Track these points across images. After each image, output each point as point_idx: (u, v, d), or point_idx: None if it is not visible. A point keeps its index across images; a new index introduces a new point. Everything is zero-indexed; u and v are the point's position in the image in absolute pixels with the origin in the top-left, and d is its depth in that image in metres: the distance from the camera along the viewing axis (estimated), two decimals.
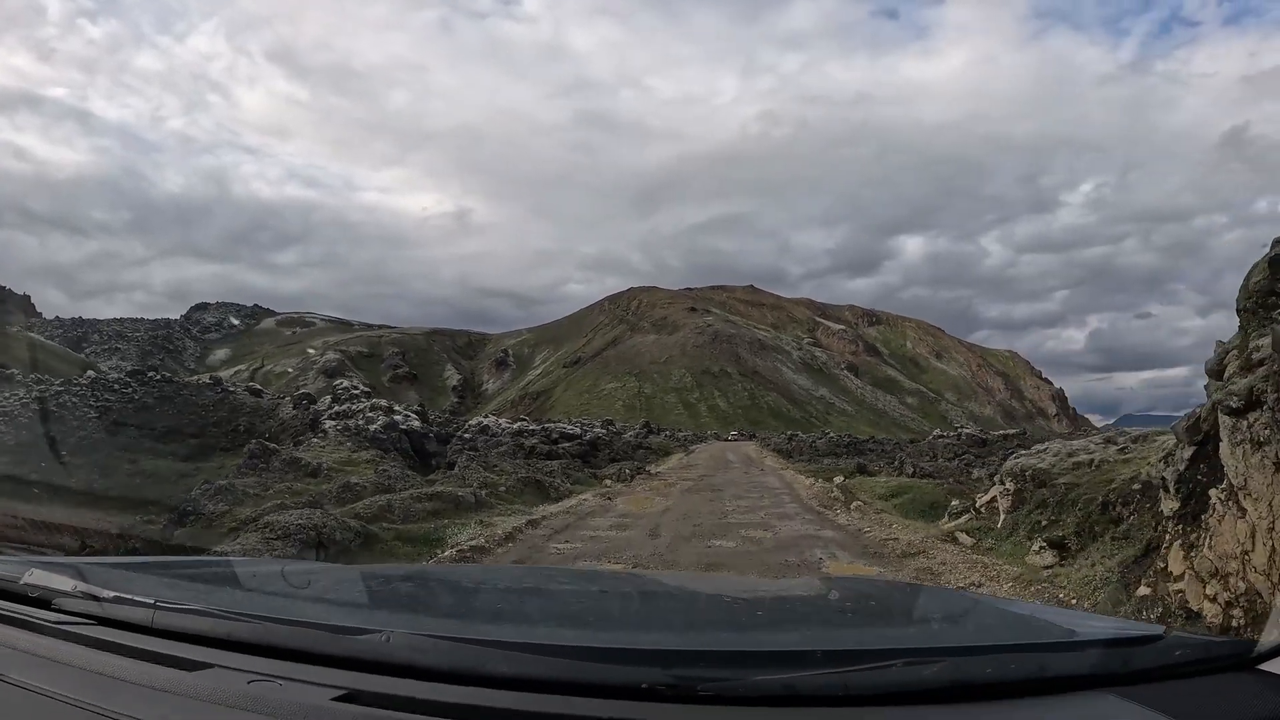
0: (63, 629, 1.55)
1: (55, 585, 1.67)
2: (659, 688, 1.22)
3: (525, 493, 17.93)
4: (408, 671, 1.31)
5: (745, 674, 1.26)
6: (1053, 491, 9.71)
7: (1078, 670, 1.33)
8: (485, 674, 1.27)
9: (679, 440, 65.64)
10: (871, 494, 14.82)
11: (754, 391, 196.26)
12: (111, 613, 1.57)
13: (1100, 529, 7.97)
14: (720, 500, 16.86)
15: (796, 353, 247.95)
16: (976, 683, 1.27)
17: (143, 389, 39.26)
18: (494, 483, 18.03)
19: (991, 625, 1.89)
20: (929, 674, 1.25)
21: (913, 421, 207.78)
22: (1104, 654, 1.38)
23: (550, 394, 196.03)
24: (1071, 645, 1.48)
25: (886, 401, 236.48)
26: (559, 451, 33.40)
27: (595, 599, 2.30)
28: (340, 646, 1.37)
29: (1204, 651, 1.41)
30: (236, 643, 1.43)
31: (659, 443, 53.47)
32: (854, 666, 1.26)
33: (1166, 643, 1.38)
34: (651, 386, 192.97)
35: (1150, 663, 1.34)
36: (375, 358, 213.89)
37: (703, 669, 1.28)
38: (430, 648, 1.33)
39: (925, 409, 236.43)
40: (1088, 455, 10.22)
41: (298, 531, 10.10)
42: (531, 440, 35.02)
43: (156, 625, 1.51)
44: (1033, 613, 2.47)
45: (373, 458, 22.19)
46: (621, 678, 1.25)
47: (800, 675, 1.25)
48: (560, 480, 23.38)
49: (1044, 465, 10.26)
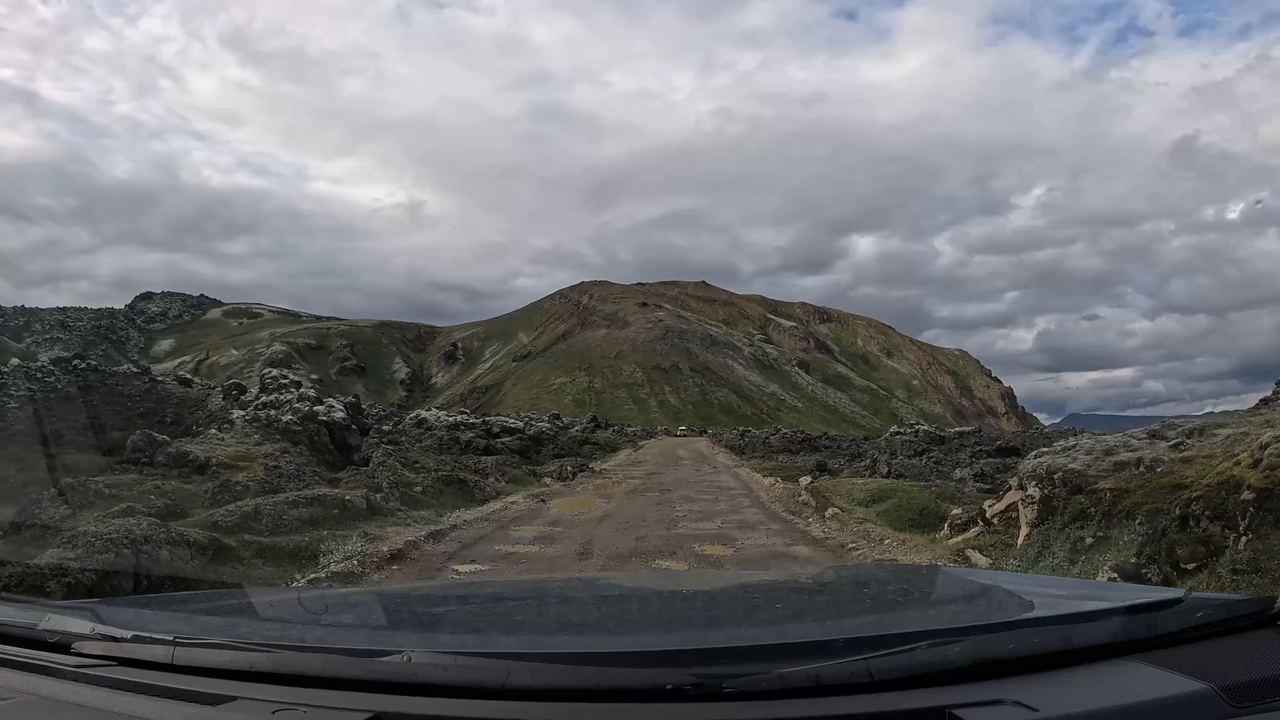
0: (83, 673, 1.52)
1: (73, 629, 1.65)
2: (684, 688, 1.21)
3: (445, 494, 15.48)
4: (432, 690, 1.29)
5: (769, 667, 1.24)
6: (1095, 500, 7.56)
7: (1100, 639, 1.32)
8: (509, 687, 1.25)
9: (628, 436, 63.50)
10: (848, 498, 12.61)
11: (705, 387, 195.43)
12: (131, 652, 1.55)
13: (1191, 552, 5.79)
14: (669, 504, 14.56)
15: (748, 349, 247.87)
16: (1001, 659, 1.26)
17: (66, 378, 36.97)
18: (409, 482, 15.55)
19: (1011, 602, 1.85)
20: (953, 654, 1.24)
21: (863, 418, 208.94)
22: (1125, 621, 1.36)
23: (499, 388, 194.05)
24: (1093, 615, 1.47)
25: (837, 398, 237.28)
26: (497, 446, 30.89)
27: (613, 604, 2.30)
28: (362, 670, 1.36)
29: (1225, 611, 1.39)
30: (258, 673, 1.41)
31: (607, 438, 51.16)
32: (877, 652, 1.24)
33: (1188, 604, 1.38)
34: (602, 381, 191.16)
35: (1173, 626, 1.33)
36: (323, 350, 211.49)
37: (726, 666, 1.26)
38: (452, 664, 1.33)
39: (876, 406, 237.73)
40: (1131, 454, 8.11)
41: (104, 549, 7.53)
42: (468, 434, 32.41)
43: (177, 662, 1.49)
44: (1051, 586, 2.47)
45: (274, 452, 19.46)
46: (645, 680, 1.25)
47: (825, 665, 1.23)
48: (493, 478, 21.07)
49: (1077, 466, 8.11)
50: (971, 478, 14.49)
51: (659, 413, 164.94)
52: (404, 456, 20.02)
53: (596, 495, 16.99)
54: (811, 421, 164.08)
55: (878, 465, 16.81)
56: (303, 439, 23.70)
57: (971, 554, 8.19)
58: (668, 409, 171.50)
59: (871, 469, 16.59)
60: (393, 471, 16.67)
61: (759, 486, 18.47)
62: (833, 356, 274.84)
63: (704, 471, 25.39)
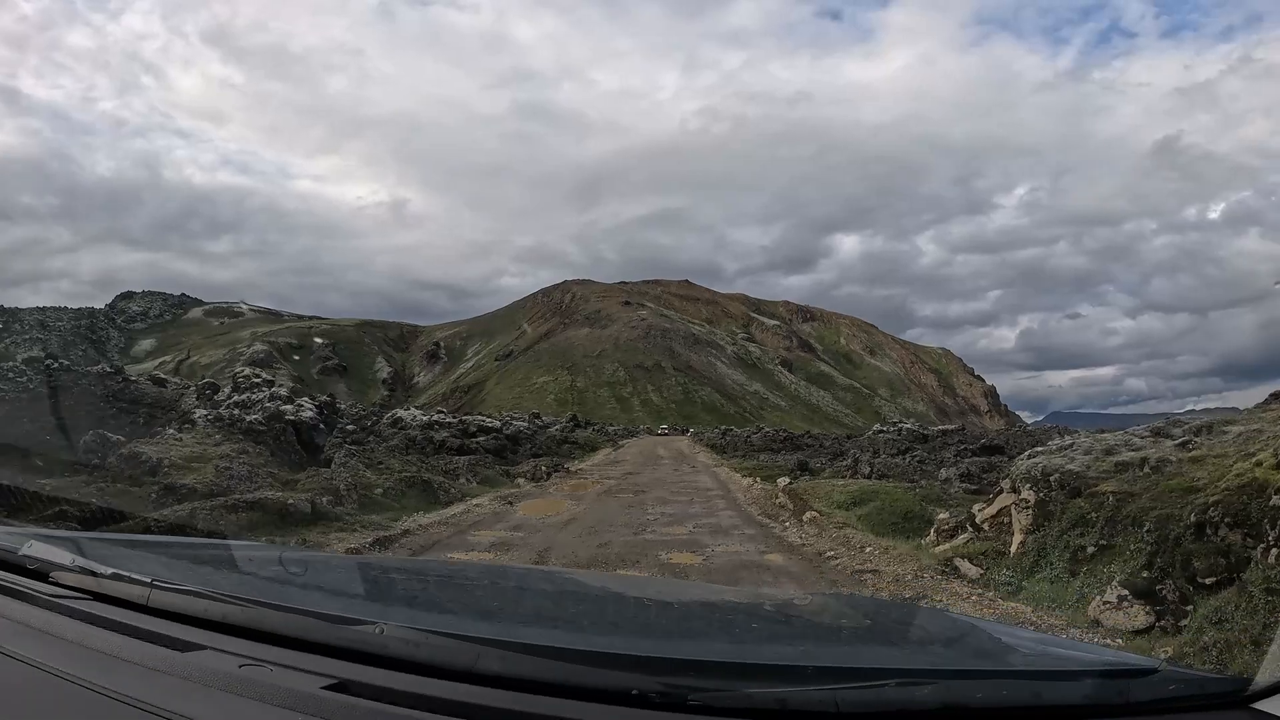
0: (59, 602, 1.54)
1: (53, 559, 1.67)
2: (649, 695, 1.20)
3: (407, 496, 14.72)
4: (399, 664, 1.28)
5: (736, 685, 1.23)
6: (1096, 504, 6.92)
7: (1071, 699, 1.30)
8: (476, 671, 1.25)
9: (608, 435, 62.75)
10: (828, 500, 11.91)
11: (688, 386, 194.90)
12: (108, 589, 1.56)
13: (1210, 565, 5.13)
14: (641, 506, 13.85)
15: (731, 347, 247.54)
16: (969, 707, 1.23)
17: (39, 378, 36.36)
18: (369, 484, 14.78)
19: (987, 650, 1.74)
20: (921, 695, 1.22)
21: (846, 417, 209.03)
22: (1098, 685, 1.33)
23: (482, 387, 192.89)
24: (1066, 675, 1.43)
25: (820, 397, 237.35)
26: (472, 446, 30.08)
27: (591, 602, 2.26)
28: (333, 635, 1.35)
29: (1199, 688, 1.37)
30: (230, 626, 1.42)
31: (586, 437, 50.39)
32: (846, 684, 1.22)
33: (1162, 676, 1.33)
34: (584, 380, 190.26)
35: (1144, 696, 1.30)
36: (305, 349, 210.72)
37: (694, 678, 1.25)
38: (423, 642, 1.31)
39: (859, 404, 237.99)
40: (1134, 454, 7.48)
41: None
42: (443, 434, 31.56)
43: (152, 604, 1.50)
44: (1029, 640, 2.28)
45: (232, 453, 18.63)
46: (612, 682, 1.23)
47: (792, 690, 1.22)
48: (464, 479, 20.35)
49: (1075, 467, 7.47)
50: (957, 478, 13.85)
51: (642, 412, 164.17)
52: (368, 457, 19.25)
53: (567, 497, 16.26)
54: (794, 420, 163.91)
55: (859, 465, 16.10)
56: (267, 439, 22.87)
57: (960, 563, 7.52)
58: (651, 408, 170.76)
59: (853, 469, 15.89)
60: (353, 473, 15.91)
61: (737, 487, 17.80)
62: (816, 355, 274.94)
63: (682, 472, 24.71)
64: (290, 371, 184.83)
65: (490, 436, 33.75)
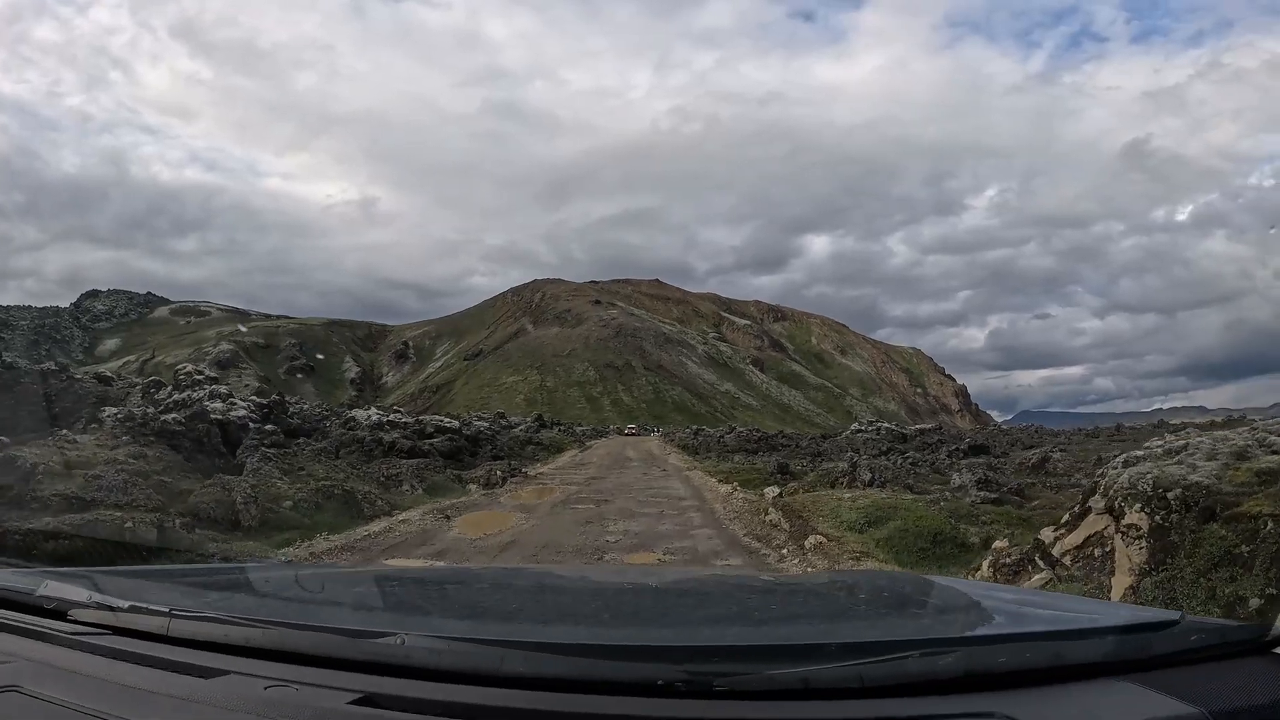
0: (79, 640, 1.52)
1: (70, 596, 1.65)
2: (675, 684, 1.19)
3: (323, 509, 12.34)
4: (424, 674, 1.28)
5: (760, 668, 1.22)
6: (1245, 532, 4.77)
7: (1093, 658, 1.29)
8: (501, 674, 1.25)
9: (576, 435, 60.29)
10: (833, 518, 9.47)
11: (658, 386, 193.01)
12: (127, 622, 1.55)
13: None
14: (601, 521, 11.57)
15: (702, 347, 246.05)
16: (992, 672, 1.24)
17: None
18: (278, 495, 12.40)
19: (1006, 615, 1.80)
20: (944, 664, 1.23)
21: (818, 416, 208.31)
22: (1119, 641, 1.34)
23: (450, 387, 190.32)
24: (1087, 633, 1.43)
25: (792, 396, 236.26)
26: (423, 449, 27.60)
27: (609, 596, 2.25)
28: (356, 650, 1.35)
29: (1220, 636, 1.37)
30: (252, 649, 1.41)
31: (552, 438, 47.96)
32: (869, 658, 1.22)
33: (1182, 628, 1.35)
34: (554, 380, 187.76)
35: (1166, 648, 1.31)
36: (271, 349, 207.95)
37: (718, 664, 1.25)
38: (446, 649, 1.31)
39: (830, 404, 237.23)
40: (1278, 457, 5.34)
41: None
42: (393, 434, 29.05)
43: (172, 633, 1.49)
44: (1047, 601, 2.38)
45: (129, 456, 16.09)
46: (637, 674, 1.23)
47: (816, 668, 1.21)
48: (407, 485, 18.07)
49: (1201, 479, 5.29)
50: (974, 485, 11.69)
51: (612, 411, 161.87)
52: (290, 462, 16.72)
53: (518, 508, 13.95)
54: (766, 419, 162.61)
55: (857, 470, 13.78)
56: (185, 441, 20.37)
57: None
58: (621, 408, 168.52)
59: (849, 475, 13.59)
60: (263, 481, 13.48)
61: (714, 496, 15.52)
62: (787, 355, 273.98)
63: (652, 476, 22.46)
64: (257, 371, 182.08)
65: (447, 438, 31.26)
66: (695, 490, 17.22)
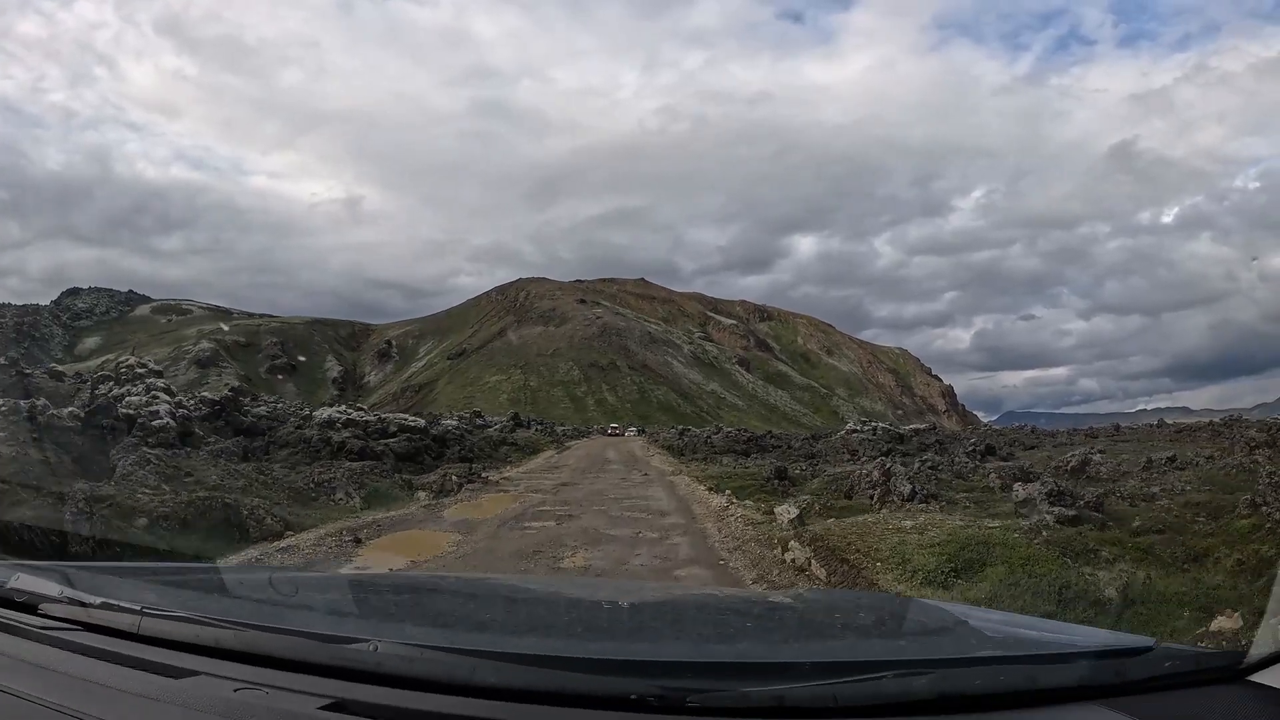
0: (49, 634, 1.51)
1: (41, 590, 1.64)
2: (647, 699, 1.19)
3: (193, 529, 9.59)
4: (395, 681, 1.26)
5: (734, 685, 1.22)
6: None
7: (1067, 682, 1.29)
8: (473, 684, 1.23)
9: (556, 435, 57.55)
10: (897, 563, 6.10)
11: (643, 385, 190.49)
12: (98, 619, 1.53)
13: None
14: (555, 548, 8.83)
15: (688, 346, 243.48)
16: (967, 694, 1.23)
17: None
18: (134, 509, 9.57)
19: (982, 638, 1.77)
20: (919, 685, 1.22)
21: (805, 416, 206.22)
22: (1094, 665, 1.34)
23: (433, 386, 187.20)
24: (1061, 657, 1.44)
25: (778, 396, 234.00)
26: (377, 449, 24.83)
27: (584, 609, 2.22)
28: (328, 655, 1.33)
29: (1194, 663, 1.37)
30: (223, 650, 1.39)
31: (528, 438, 45.16)
32: (844, 678, 1.22)
33: (1156, 654, 1.36)
34: (537, 379, 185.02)
35: (1140, 674, 1.32)
36: (252, 348, 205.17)
37: (691, 680, 1.24)
38: (418, 657, 1.29)
39: (817, 404, 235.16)
40: None
41: None
42: (343, 434, 26.19)
43: (143, 632, 1.47)
44: (1023, 625, 2.30)
45: (11, 457, 13.19)
46: (610, 688, 1.22)
47: (790, 687, 1.21)
48: (340, 493, 15.46)
49: None
50: (1044, 499, 8.95)
51: (596, 411, 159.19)
52: (177, 464, 13.76)
53: (457, 526, 11.16)
54: (752, 419, 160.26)
55: (893, 480, 10.78)
56: (73, 438, 17.49)
57: None
58: (605, 407, 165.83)
59: (882, 486, 10.67)
60: (127, 490, 10.61)
61: (705, 511, 12.68)
62: (773, 354, 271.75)
63: (632, 482, 19.70)
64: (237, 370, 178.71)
65: (405, 437, 28.44)
66: (681, 503, 14.43)
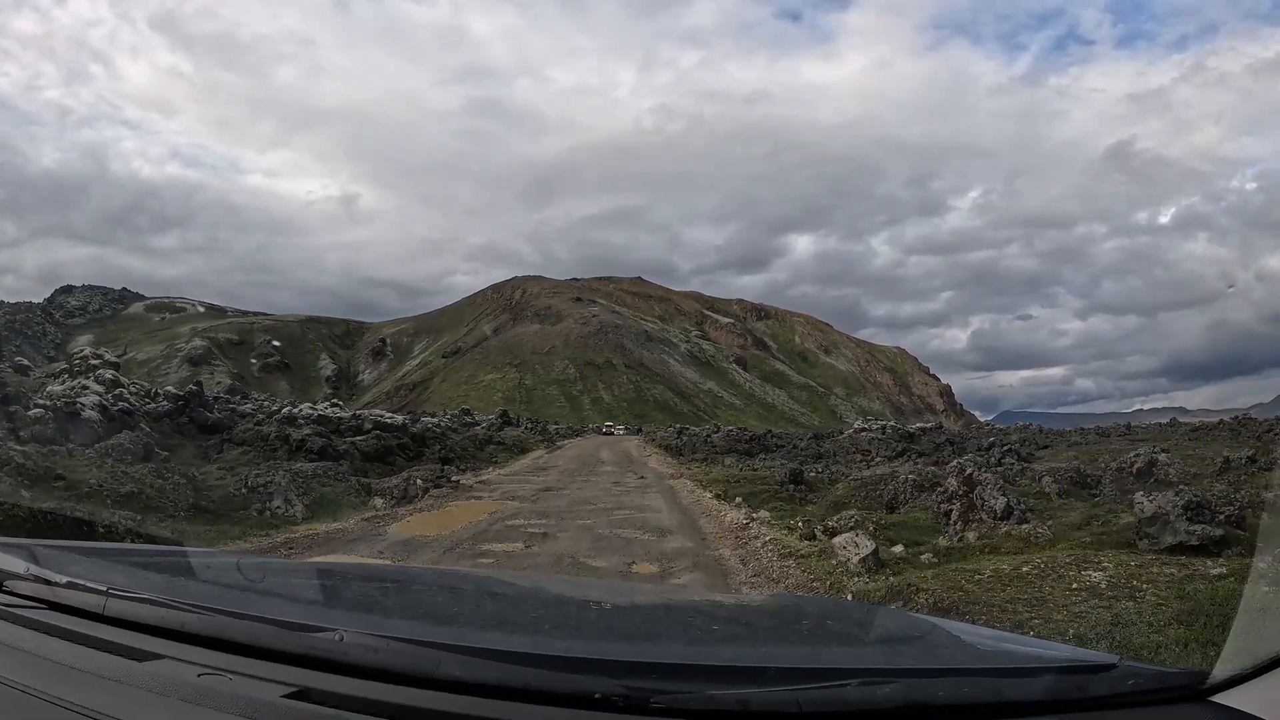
0: (13, 612, 1.51)
1: (7, 567, 1.63)
2: (611, 698, 1.19)
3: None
4: (360, 671, 1.27)
5: (699, 687, 1.22)
6: None
7: (1031, 696, 1.30)
8: (438, 677, 1.24)
9: (547, 434, 54.97)
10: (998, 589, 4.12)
11: (640, 384, 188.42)
12: (63, 598, 1.53)
13: None
14: None
15: (684, 345, 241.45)
16: (931, 705, 1.23)
17: None
18: None
19: (948, 649, 1.73)
20: (883, 694, 1.22)
21: (802, 415, 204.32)
22: (1058, 681, 1.34)
23: (428, 385, 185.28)
24: (1026, 671, 1.43)
25: (776, 395, 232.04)
26: (339, 448, 22.23)
27: (554, 607, 2.20)
28: (293, 643, 1.33)
29: (1157, 682, 1.37)
30: (188, 634, 1.40)
31: (517, 437, 42.65)
32: (808, 685, 1.22)
33: (1120, 672, 1.35)
34: (533, 378, 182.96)
35: (1103, 690, 1.31)
36: (246, 346, 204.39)
37: (656, 681, 1.24)
38: (383, 648, 1.30)
39: (814, 403, 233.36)
40: None
41: None
42: (303, 430, 23.64)
43: (108, 613, 1.47)
44: (990, 638, 2.19)
45: None
46: (574, 686, 1.22)
47: (754, 691, 1.22)
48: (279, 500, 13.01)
49: None
50: (1180, 514, 6.46)
51: (592, 410, 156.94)
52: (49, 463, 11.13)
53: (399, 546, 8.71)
54: (750, 418, 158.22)
55: (979, 491, 8.02)
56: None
57: None
58: (601, 406, 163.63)
59: (963, 500, 7.94)
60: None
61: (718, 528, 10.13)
62: (770, 353, 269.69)
63: (626, 486, 17.17)
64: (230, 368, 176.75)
65: (376, 436, 25.91)
66: (686, 516, 11.86)
